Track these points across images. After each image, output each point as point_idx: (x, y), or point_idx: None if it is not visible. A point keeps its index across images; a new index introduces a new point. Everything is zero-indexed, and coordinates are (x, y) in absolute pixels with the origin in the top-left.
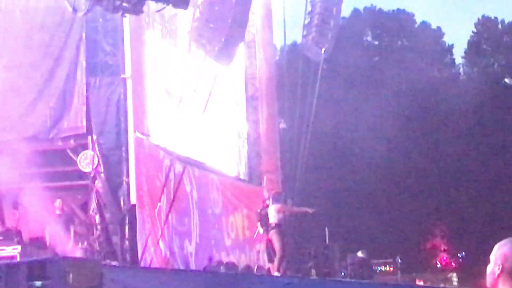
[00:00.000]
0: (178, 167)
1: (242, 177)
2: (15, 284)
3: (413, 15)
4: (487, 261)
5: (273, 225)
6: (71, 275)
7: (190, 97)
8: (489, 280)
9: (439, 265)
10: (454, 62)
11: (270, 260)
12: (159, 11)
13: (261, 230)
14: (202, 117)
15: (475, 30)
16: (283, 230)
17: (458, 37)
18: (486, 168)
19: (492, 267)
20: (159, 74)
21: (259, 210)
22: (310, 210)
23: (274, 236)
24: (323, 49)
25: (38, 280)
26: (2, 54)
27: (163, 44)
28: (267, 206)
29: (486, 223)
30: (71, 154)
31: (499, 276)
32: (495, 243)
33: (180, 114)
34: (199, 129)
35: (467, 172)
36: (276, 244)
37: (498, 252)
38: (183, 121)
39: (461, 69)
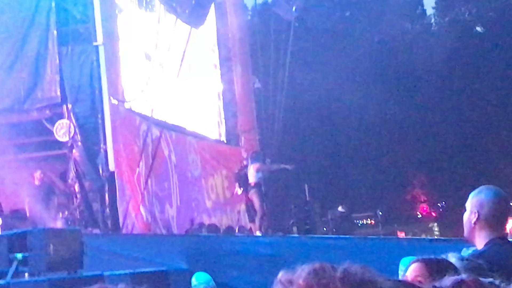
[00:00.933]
0: (155, 132)
1: (223, 138)
2: None
3: None
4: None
5: (252, 184)
6: (51, 246)
7: (166, 61)
8: (466, 228)
9: (419, 216)
10: (425, 13)
11: (251, 220)
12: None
13: (239, 191)
14: (178, 80)
15: None
16: (263, 189)
17: None
18: (462, 117)
19: (468, 215)
20: (135, 39)
21: (236, 171)
22: (289, 167)
23: (254, 195)
24: (294, 7)
25: (19, 252)
26: None
27: (139, 12)
28: (245, 166)
29: (465, 172)
30: (47, 124)
31: (475, 223)
32: None
33: (161, 79)
34: (176, 93)
35: (443, 121)
36: (256, 204)
37: (473, 199)
38: (160, 85)
39: (433, 20)
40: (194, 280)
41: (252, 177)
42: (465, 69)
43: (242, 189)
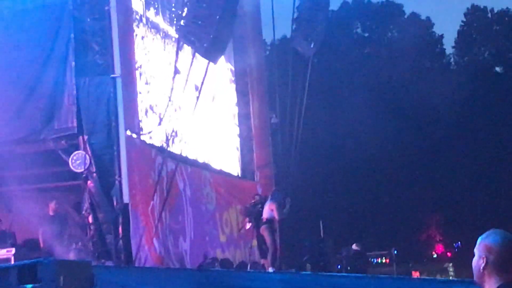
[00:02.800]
0: (171, 165)
1: (239, 172)
2: None
3: (402, 6)
4: None
5: (264, 220)
6: (61, 277)
7: (183, 94)
8: (475, 273)
9: (435, 256)
10: (444, 52)
11: (263, 256)
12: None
13: (247, 225)
14: (195, 113)
15: (464, 19)
16: (275, 226)
17: (447, 27)
18: (479, 158)
19: (477, 261)
20: (153, 71)
21: (247, 205)
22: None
23: (265, 231)
24: (312, 43)
25: (28, 283)
26: None
27: (154, 41)
28: (257, 201)
29: (481, 212)
30: (62, 155)
31: (484, 269)
32: None
33: (178, 112)
34: (193, 126)
35: (460, 162)
36: (268, 240)
37: (481, 244)
38: (177, 118)
39: (452, 59)
40: None
41: (266, 213)
42: (483, 109)
43: (251, 224)
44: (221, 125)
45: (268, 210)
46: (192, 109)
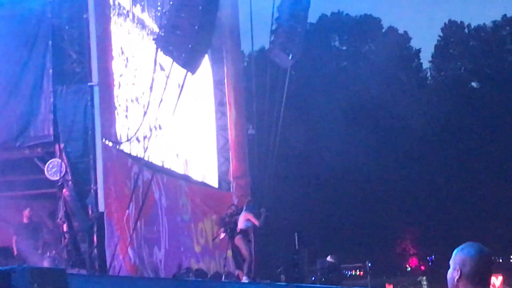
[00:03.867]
0: (147, 174)
1: (215, 183)
2: None
3: (380, 20)
4: None
5: (238, 230)
6: (35, 285)
7: (160, 105)
8: (449, 285)
9: (408, 269)
10: (421, 67)
11: (238, 267)
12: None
13: (221, 235)
14: (172, 124)
15: (441, 34)
16: (250, 236)
17: (425, 41)
18: (454, 172)
19: (452, 272)
20: (130, 81)
21: (223, 215)
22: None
23: (240, 241)
24: (290, 55)
25: None
26: None
27: (139, 37)
28: (233, 212)
29: (455, 226)
30: (38, 163)
31: (458, 281)
32: None
33: (154, 122)
34: (169, 136)
35: (435, 176)
36: (243, 250)
37: (456, 257)
38: (153, 128)
39: (428, 74)
40: None
41: (241, 224)
42: (459, 123)
43: (225, 234)
44: (196, 135)
45: (244, 220)
46: (168, 119)
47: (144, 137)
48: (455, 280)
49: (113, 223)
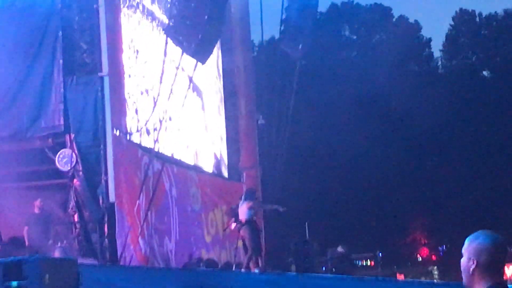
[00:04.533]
0: (157, 165)
1: (226, 173)
2: None
3: (390, 9)
4: None
5: (243, 221)
6: (47, 275)
7: (170, 95)
8: (464, 275)
9: (419, 259)
10: (432, 56)
11: None
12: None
13: (232, 225)
14: (182, 114)
15: (452, 23)
16: (256, 226)
17: (436, 30)
18: (466, 161)
19: (466, 262)
20: (141, 71)
21: (233, 206)
22: (280, 209)
23: (245, 232)
24: (300, 45)
25: (14, 280)
26: None
27: (149, 28)
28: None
29: (466, 216)
30: (49, 153)
31: (474, 270)
32: None
33: (164, 112)
34: (179, 126)
35: (446, 165)
36: (247, 241)
37: (470, 246)
38: (164, 119)
39: (439, 63)
40: None
41: (243, 215)
42: (470, 112)
43: (235, 224)
44: (206, 125)
45: (246, 210)
46: (179, 109)
47: (154, 129)
48: (471, 269)
49: (123, 214)
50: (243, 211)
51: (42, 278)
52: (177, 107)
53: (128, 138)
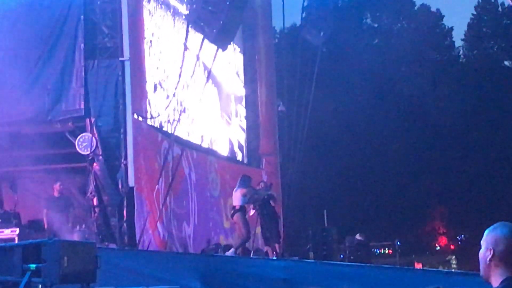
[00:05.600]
0: (176, 150)
1: (245, 159)
2: (10, 267)
3: None
4: None
5: (237, 207)
6: (65, 258)
7: (191, 79)
8: (481, 266)
9: (438, 248)
10: (453, 45)
11: (267, 243)
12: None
13: (251, 212)
14: (202, 98)
15: (474, 12)
16: (249, 213)
17: (457, 19)
18: (486, 151)
19: (484, 252)
20: (162, 56)
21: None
22: (274, 193)
23: (238, 219)
24: (322, 32)
25: (33, 263)
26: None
27: (164, 18)
28: (262, 188)
29: (485, 205)
30: (69, 137)
31: (491, 260)
32: None
33: (185, 97)
34: (200, 111)
35: (466, 155)
36: (241, 228)
37: (488, 236)
38: (184, 103)
39: (461, 52)
40: None
41: (237, 201)
42: (491, 102)
43: (254, 211)
44: (227, 111)
45: (239, 196)
46: (199, 94)
47: (168, 121)
48: (488, 259)
49: (142, 198)
50: (237, 197)
51: (61, 260)
52: (198, 92)
53: (148, 122)
